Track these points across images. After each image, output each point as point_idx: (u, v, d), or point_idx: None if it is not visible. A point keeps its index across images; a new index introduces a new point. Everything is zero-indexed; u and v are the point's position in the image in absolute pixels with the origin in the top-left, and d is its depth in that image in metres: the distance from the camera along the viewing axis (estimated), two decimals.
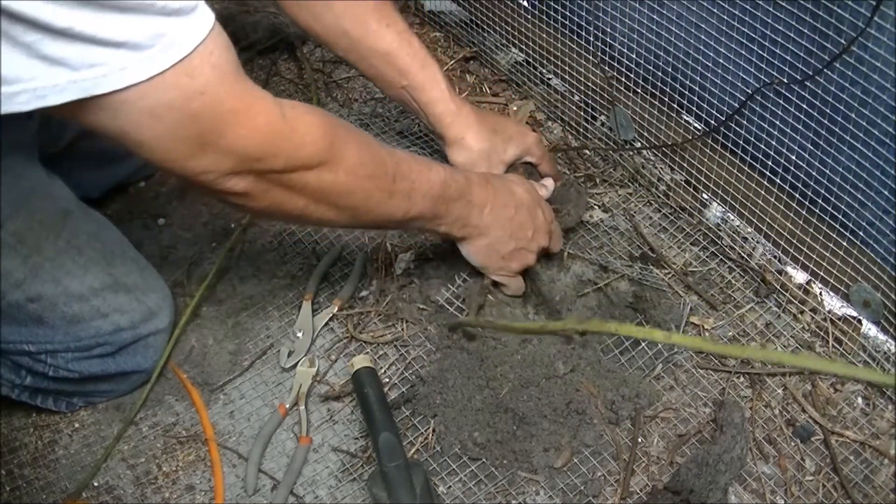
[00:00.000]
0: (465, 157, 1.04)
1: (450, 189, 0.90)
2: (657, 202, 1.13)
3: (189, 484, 0.94)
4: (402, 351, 1.01)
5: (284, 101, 0.77)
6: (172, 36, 0.64)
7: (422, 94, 1.03)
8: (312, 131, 0.77)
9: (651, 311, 1.00)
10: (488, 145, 1.04)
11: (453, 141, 1.04)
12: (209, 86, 0.68)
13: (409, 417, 0.95)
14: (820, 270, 0.94)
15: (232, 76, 0.70)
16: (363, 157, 0.82)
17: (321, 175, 0.79)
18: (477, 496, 0.88)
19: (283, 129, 0.75)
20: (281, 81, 1.42)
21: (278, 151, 0.75)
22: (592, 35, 1.14)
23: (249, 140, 0.72)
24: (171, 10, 0.64)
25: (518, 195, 0.97)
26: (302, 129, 0.76)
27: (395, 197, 0.85)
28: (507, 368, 0.93)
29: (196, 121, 0.69)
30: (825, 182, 0.90)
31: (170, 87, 0.65)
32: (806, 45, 0.83)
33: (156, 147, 0.69)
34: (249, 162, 0.73)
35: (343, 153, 0.80)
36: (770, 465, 0.88)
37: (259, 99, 0.73)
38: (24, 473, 0.97)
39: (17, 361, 0.96)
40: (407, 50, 1.02)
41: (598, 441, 0.90)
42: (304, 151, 0.76)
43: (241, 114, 0.71)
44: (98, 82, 0.62)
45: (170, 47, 0.64)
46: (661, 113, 1.08)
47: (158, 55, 0.64)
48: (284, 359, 1.02)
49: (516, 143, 1.06)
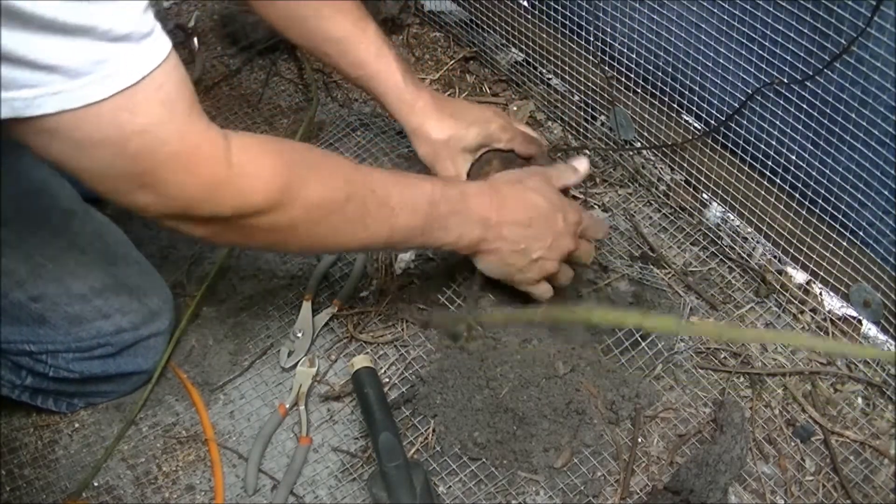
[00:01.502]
0: (427, 148, 1.02)
1: (439, 207, 0.85)
2: (657, 202, 1.13)
3: (189, 484, 0.94)
4: (402, 351, 1.01)
5: (237, 140, 0.72)
6: (115, 64, 0.60)
7: (376, 84, 1.01)
8: (263, 175, 0.72)
9: (651, 310, 1.00)
10: (448, 133, 1.01)
11: (412, 131, 1.02)
12: (151, 125, 0.64)
13: (409, 417, 0.95)
14: (820, 270, 0.94)
15: (181, 115, 0.66)
16: (326, 194, 0.78)
17: (276, 218, 0.74)
18: (477, 496, 0.88)
19: (228, 175, 0.70)
20: (281, 81, 1.42)
21: (222, 199, 0.71)
22: (592, 35, 1.14)
23: (191, 188, 0.69)
24: (116, 36, 0.60)
25: (533, 202, 0.91)
26: (251, 173, 0.72)
27: (372, 225, 0.82)
28: (507, 368, 0.93)
29: (134, 161, 0.65)
30: (825, 182, 0.90)
31: (108, 120, 0.62)
32: (806, 45, 0.83)
33: (94, 179, 0.66)
34: (194, 208, 0.70)
35: (300, 194, 0.75)
36: (770, 465, 0.88)
37: (208, 141, 0.69)
38: (24, 473, 0.97)
39: (18, 362, 0.96)
40: (361, 38, 0.99)
41: (598, 441, 0.90)
42: (253, 198, 0.72)
43: (183, 159, 0.67)
44: (29, 104, 0.59)
45: (110, 76, 0.60)
46: (661, 113, 1.08)
47: (95, 84, 0.60)
48: (284, 359, 1.02)
49: (478, 130, 1.02)
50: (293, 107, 1.37)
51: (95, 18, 0.59)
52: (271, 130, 1.33)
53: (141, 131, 0.64)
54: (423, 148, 1.03)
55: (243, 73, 1.44)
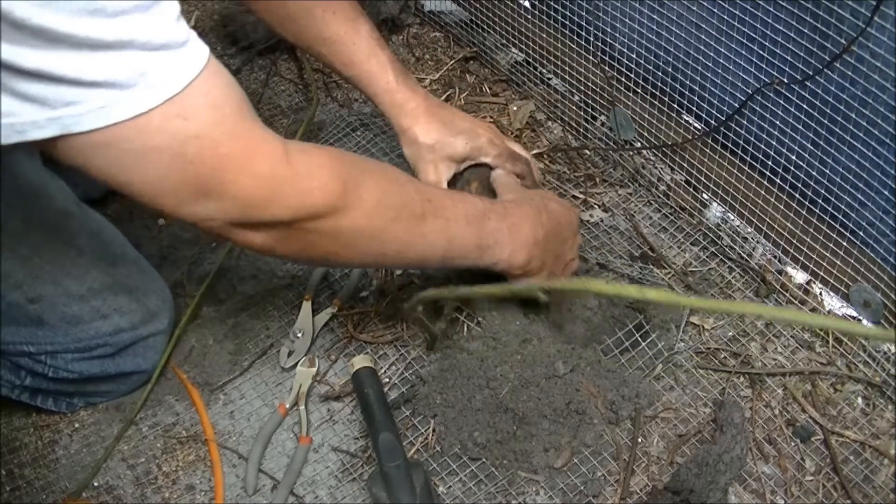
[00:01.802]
0: (411, 150, 1.02)
1: (490, 221, 0.85)
2: (657, 202, 1.13)
3: (189, 484, 0.94)
4: (402, 351, 1.01)
5: (294, 143, 0.71)
6: (158, 73, 0.60)
7: (367, 85, 1.01)
8: (321, 175, 0.71)
9: (651, 310, 1.00)
10: (434, 139, 1.00)
11: (401, 132, 1.02)
12: (205, 128, 0.63)
13: (409, 417, 0.95)
14: (820, 270, 0.94)
15: (233, 117, 0.65)
16: (385, 199, 0.77)
17: (338, 222, 0.73)
18: (477, 496, 0.88)
19: (288, 175, 0.69)
20: (281, 81, 1.42)
21: (283, 200, 0.69)
22: (592, 35, 1.14)
23: (251, 188, 0.67)
24: (155, 45, 0.60)
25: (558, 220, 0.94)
26: (310, 173, 0.71)
27: (430, 235, 0.81)
28: (507, 368, 0.93)
29: (191, 166, 0.64)
30: (825, 182, 0.90)
31: (159, 128, 0.61)
32: (806, 45, 0.83)
33: (153, 192, 0.65)
34: (254, 211, 0.69)
35: (359, 197, 0.74)
36: (770, 465, 0.88)
37: (264, 142, 0.68)
38: (24, 473, 0.97)
39: (17, 362, 0.96)
40: (353, 39, 0.99)
41: (598, 441, 0.90)
42: (313, 199, 0.71)
43: (241, 159, 0.66)
44: (77, 120, 0.59)
45: (155, 86, 0.60)
46: (661, 113, 1.08)
47: (142, 94, 0.60)
48: (284, 359, 1.02)
49: (466, 140, 1.01)
50: (293, 107, 1.37)
51: (132, 32, 0.59)
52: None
53: (194, 136, 0.63)
54: (408, 149, 1.03)
55: (243, 73, 1.43)
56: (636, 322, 0.99)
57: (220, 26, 1.51)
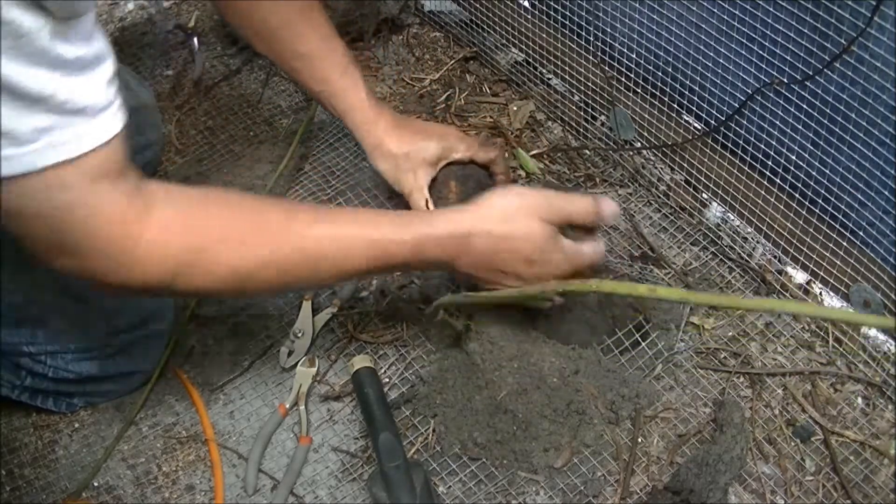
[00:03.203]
0: (388, 164, 1.03)
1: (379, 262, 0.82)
2: (657, 202, 1.13)
3: (189, 484, 0.94)
4: (402, 351, 1.01)
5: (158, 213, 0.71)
6: (60, 138, 0.61)
7: (339, 101, 1.02)
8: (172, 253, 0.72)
9: (651, 310, 1.00)
10: (408, 148, 1.02)
11: (373, 148, 1.03)
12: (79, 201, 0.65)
13: (409, 417, 0.95)
14: (820, 270, 0.94)
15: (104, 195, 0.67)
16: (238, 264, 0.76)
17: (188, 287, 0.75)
18: (477, 496, 0.88)
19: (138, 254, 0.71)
20: (281, 81, 1.42)
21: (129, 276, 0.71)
22: (592, 35, 1.14)
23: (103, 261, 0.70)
24: (71, 109, 0.61)
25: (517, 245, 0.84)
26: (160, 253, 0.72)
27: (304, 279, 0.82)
28: (506, 371, 0.93)
29: (55, 232, 0.67)
30: (825, 182, 0.90)
31: (37, 190, 0.63)
32: (806, 45, 0.83)
33: (22, 240, 0.68)
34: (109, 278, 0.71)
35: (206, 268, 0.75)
36: (770, 465, 0.88)
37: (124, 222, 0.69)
38: (24, 473, 0.98)
39: (17, 362, 0.96)
40: (329, 55, 1.01)
41: (598, 441, 0.90)
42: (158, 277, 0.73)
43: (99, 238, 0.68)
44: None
45: (53, 148, 0.61)
46: (661, 113, 1.08)
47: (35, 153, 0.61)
48: (284, 359, 1.02)
49: (436, 141, 1.03)
50: (293, 107, 1.37)
51: (55, 88, 0.60)
52: (271, 130, 1.33)
53: (64, 208, 0.65)
54: (383, 164, 1.04)
55: (243, 73, 1.44)
56: (636, 322, 0.99)
57: (220, 26, 1.51)
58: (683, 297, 0.63)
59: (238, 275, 0.76)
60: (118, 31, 1.54)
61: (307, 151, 1.28)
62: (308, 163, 1.26)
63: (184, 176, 1.27)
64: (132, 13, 1.58)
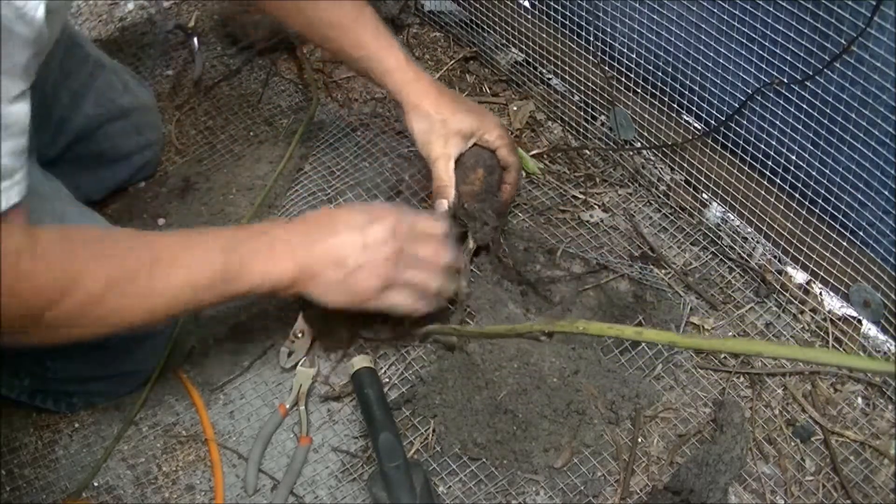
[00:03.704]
0: (423, 124, 1.02)
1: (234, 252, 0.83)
2: (657, 202, 1.13)
3: (189, 484, 0.94)
4: (402, 351, 1.01)
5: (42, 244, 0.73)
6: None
7: (378, 63, 1.02)
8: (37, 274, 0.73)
9: (651, 310, 1.00)
10: (446, 115, 1.01)
11: (411, 107, 1.02)
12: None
13: (409, 417, 0.95)
14: (820, 270, 0.94)
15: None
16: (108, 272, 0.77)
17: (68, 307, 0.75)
18: (477, 496, 0.88)
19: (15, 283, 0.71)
20: (281, 81, 1.42)
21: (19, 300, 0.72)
22: (592, 35, 1.14)
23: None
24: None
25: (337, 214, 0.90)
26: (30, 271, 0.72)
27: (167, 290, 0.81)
28: (506, 372, 0.93)
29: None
30: (825, 182, 0.90)
31: None
32: (806, 45, 0.83)
33: None
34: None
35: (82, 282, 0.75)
36: (770, 465, 0.88)
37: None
38: (24, 473, 0.98)
39: (17, 362, 0.96)
40: (360, 20, 1.01)
41: (598, 441, 0.90)
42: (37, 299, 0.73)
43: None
44: None
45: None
46: (661, 113, 1.08)
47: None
48: (284, 359, 1.02)
49: (474, 117, 1.03)
50: (293, 107, 1.37)
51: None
52: (271, 130, 1.33)
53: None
54: (418, 124, 1.02)
55: (243, 73, 1.44)
56: (636, 322, 0.99)
57: (220, 26, 1.51)
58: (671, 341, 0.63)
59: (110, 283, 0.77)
60: (118, 31, 1.54)
61: (307, 151, 1.28)
62: (308, 163, 1.26)
63: (184, 176, 1.27)
64: (132, 13, 1.58)
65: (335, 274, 0.87)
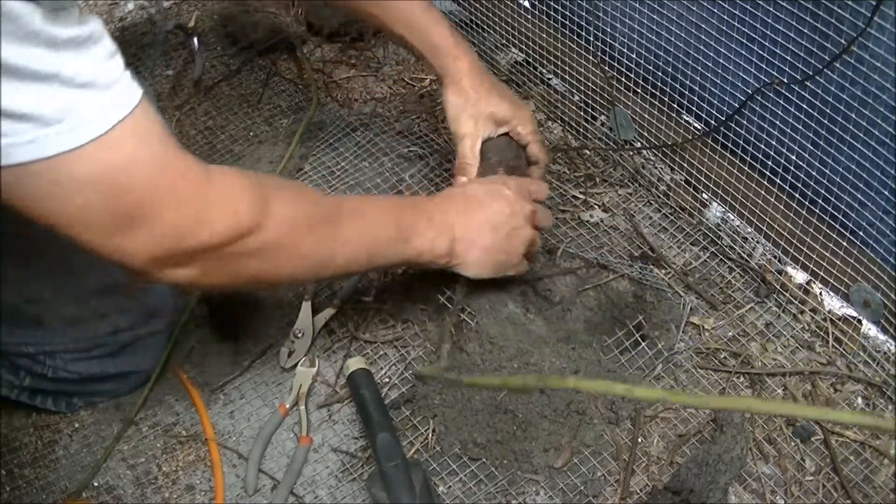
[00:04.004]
0: (458, 99, 1.01)
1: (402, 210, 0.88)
2: (657, 202, 1.13)
3: (189, 484, 0.94)
4: (402, 351, 1.01)
5: (213, 167, 0.73)
6: (86, 112, 0.62)
7: (423, 36, 1.01)
8: (242, 196, 0.74)
9: (651, 311, 1.00)
10: (483, 96, 1.01)
11: (451, 81, 1.01)
12: (132, 162, 0.65)
13: (409, 417, 0.95)
14: (820, 270, 0.94)
15: (159, 150, 0.68)
16: (300, 211, 0.79)
17: (262, 238, 0.75)
18: (477, 496, 0.88)
19: (212, 198, 0.71)
20: (281, 81, 1.42)
21: (210, 222, 0.71)
22: (592, 35, 1.14)
23: (179, 214, 0.69)
24: (82, 82, 0.61)
25: (472, 189, 0.96)
26: (232, 195, 0.73)
27: (352, 238, 0.83)
28: (506, 373, 0.93)
29: (117, 200, 0.66)
30: (825, 182, 0.90)
31: (88, 163, 0.63)
32: (806, 45, 0.83)
33: (71, 223, 0.66)
34: (182, 237, 0.70)
35: (278, 212, 0.76)
36: (770, 465, 0.88)
37: (187, 169, 0.70)
38: (24, 473, 0.97)
39: (17, 362, 0.96)
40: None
41: (598, 441, 0.90)
42: (237, 218, 0.73)
43: (167, 187, 0.68)
44: (2, 152, 0.60)
45: (83, 124, 0.62)
46: (661, 113, 1.08)
47: (71, 131, 0.61)
48: (284, 359, 1.02)
49: (510, 105, 1.03)
50: (293, 107, 1.37)
51: (58, 65, 0.60)
52: (271, 130, 1.33)
53: (121, 169, 0.65)
54: (454, 97, 1.01)
55: (243, 73, 1.44)
56: (636, 322, 0.99)
57: (221, 26, 1.51)
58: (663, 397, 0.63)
59: (301, 226, 0.78)
60: (118, 31, 1.54)
61: (307, 151, 1.28)
62: (308, 163, 1.26)
63: None
64: (132, 13, 1.58)
65: (491, 240, 0.93)
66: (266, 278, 0.80)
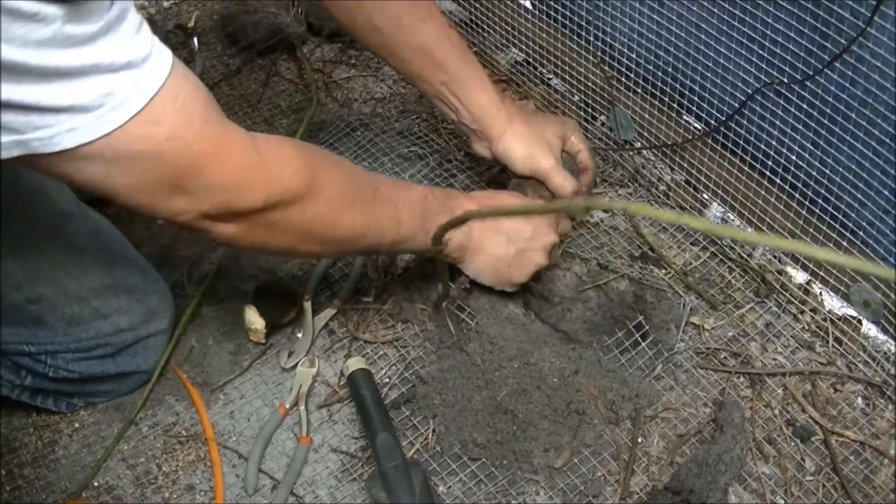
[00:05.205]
0: (521, 144, 1.00)
1: (431, 203, 0.89)
2: (657, 202, 1.13)
3: (189, 484, 0.94)
4: (402, 351, 1.01)
5: (259, 135, 0.75)
6: (124, 92, 0.63)
7: (463, 87, 0.99)
8: (290, 165, 0.76)
9: (651, 310, 1.00)
10: (536, 127, 1.01)
11: (504, 130, 1.00)
12: (176, 130, 0.67)
13: (409, 417, 0.95)
14: (820, 270, 0.94)
15: (200, 116, 0.69)
16: (344, 186, 0.81)
17: (304, 209, 0.77)
18: (477, 496, 0.88)
19: (258, 165, 0.73)
20: (281, 81, 1.42)
21: (255, 188, 0.73)
22: (592, 35, 1.14)
23: (225, 179, 0.71)
24: (119, 66, 0.63)
25: (505, 200, 0.97)
26: (278, 163, 0.75)
27: (384, 218, 0.85)
28: (506, 372, 0.93)
29: (166, 167, 0.68)
30: (825, 182, 0.90)
31: (132, 138, 0.65)
32: (806, 45, 0.83)
33: (130, 194, 0.69)
34: (228, 200, 0.72)
35: (323, 184, 0.78)
36: (770, 465, 0.88)
37: (231, 136, 0.72)
38: (24, 473, 0.97)
39: (18, 362, 0.96)
40: (446, 44, 0.99)
41: (598, 441, 0.90)
42: (282, 186, 0.75)
43: (214, 153, 0.70)
44: (46, 143, 0.62)
45: (123, 103, 0.63)
46: (661, 113, 1.08)
47: (109, 114, 0.63)
48: (284, 359, 1.02)
49: (556, 122, 1.04)
50: (293, 107, 1.37)
51: (97, 56, 0.61)
52: (271, 130, 1.33)
53: (166, 139, 0.66)
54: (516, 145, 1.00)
55: (243, 73, 1.44)
56: (636, 322, 0.99)
57: (221, 26, 1.51)
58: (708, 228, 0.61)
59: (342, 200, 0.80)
60: None
61: None
62: None
63: None
64: None
65: (501, 251, 0.95)
66: (299, 248, 0.82)
